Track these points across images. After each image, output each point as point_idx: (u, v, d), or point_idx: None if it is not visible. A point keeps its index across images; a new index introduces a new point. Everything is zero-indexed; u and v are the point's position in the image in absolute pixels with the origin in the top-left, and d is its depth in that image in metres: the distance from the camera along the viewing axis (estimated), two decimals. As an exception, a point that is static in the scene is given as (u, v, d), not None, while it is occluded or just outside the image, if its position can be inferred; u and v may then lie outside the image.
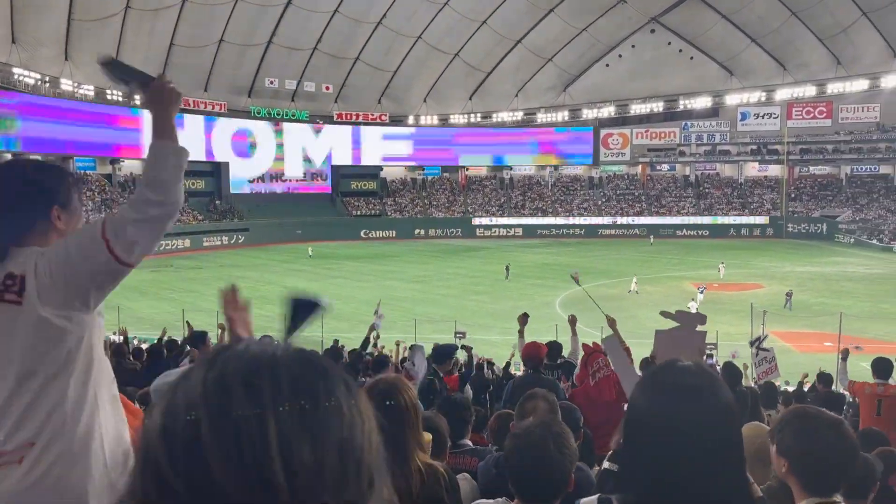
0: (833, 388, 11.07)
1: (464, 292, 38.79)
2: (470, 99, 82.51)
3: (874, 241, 60.28)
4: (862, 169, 74.83)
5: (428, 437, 2.66)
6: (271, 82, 73.43)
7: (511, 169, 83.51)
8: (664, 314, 2.11)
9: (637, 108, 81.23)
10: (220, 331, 12.20)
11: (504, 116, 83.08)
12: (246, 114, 72.51)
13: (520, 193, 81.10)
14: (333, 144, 78.30)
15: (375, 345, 16.79)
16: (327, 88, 76.79)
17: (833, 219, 68.17)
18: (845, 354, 9.88)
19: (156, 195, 1.94)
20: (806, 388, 12.95)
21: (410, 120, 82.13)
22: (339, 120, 78.36)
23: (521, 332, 9.41)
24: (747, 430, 3.19)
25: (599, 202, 78.58)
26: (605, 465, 3.21)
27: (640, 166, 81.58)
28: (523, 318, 9.38)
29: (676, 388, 1.41)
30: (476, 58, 76.48)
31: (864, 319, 27.56)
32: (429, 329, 24.89)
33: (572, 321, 9.41)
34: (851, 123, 74.59)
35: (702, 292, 29.28)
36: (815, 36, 71.69)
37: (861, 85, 72.22)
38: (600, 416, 5.74)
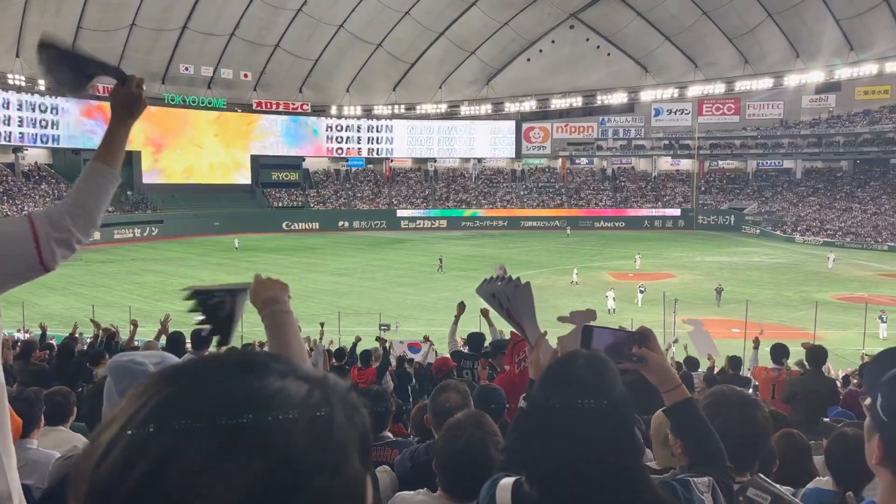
0: (742, 372, 11.65)
1: (388, 284, 38.72)
2: (394, 90, 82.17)
3: (777, 232, 63.71)
4: (767, 163, 78.89)
5: None
6: (186, 69, 70.96)
7: (435, 161, 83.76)
8: (561, 319, 2.19)
9: (557, 103, 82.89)
10: (132, 327, 11.76)
11: (428, 108, 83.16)
12: (159, 101, 69.81)
13: (444, 186, 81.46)
14: (257, 132, 76.43)
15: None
16: (246, 76, 74.86)
17: (740, 211, 71.65)
18: (756, 343, 10.51)
19: (76, 226, 1.80)
20: (715, 372, 13.57)
21: (333, 110, 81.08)
22: (258, 108, 76.51)
23: (456, 319, 9.82)
24: (658, 416, 3.31)
25: (522, 194, 79.87)
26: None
27: (560, 160, 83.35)
28: (460, 307, 9.65)
29: (564, 377, 1.51)
30: (399, 49, 76.18)
31: (768, 306, 29.11)
32: (353, 322, 24.75)
33: (484, 313, 9.83)
34: (757, 120, 78.46)
35: (642, 292, 29.76)
36: (725, 35, 74.97)
37: (766, 83, 75.99)
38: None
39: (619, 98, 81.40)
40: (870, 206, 63.95)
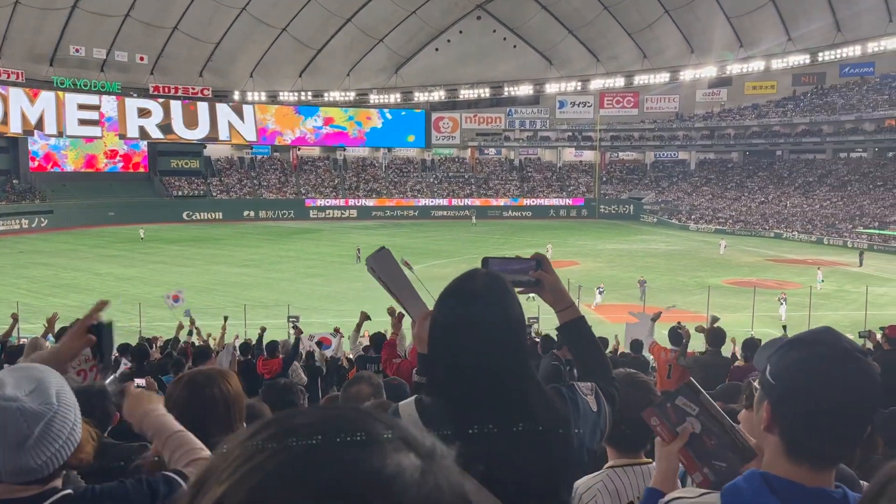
0: (643, 353, 12.15)
1: (297, 275, 38.01)
2: (300, 76, 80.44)
3: (673, 221, 66.83)
4: (663, 155, 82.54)
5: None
6: (77, 50, 66.85)
7: (345, 150, 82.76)
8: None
9: (466, 94, 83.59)
10: (13, 321, 11.01)
11: (336, 96, 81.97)
12: (47, 84, 65.56)
13: (353, 175, 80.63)
14: (150, 118, 72.98)
15: (191, 333, 16.03)
16: (141, 59, 71.38)
17: (639, 200, 74.70)
18: (655, 317, 11.08)
19: None
20: (618, 354, 14.11)
21: (236, 95, 78.58)
22: (155, 93, 73.12)
23: (358, 326, 10.08)
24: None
25: (432, 184, 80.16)
26: (415, 377, 3.27)
27: (469, 150, 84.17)
28: (363, 316, 9.86)
29: (462, 293, 1.68)
30: (305, 34, 74.57)
31: (664, 291, 30.52)
32: (261, 314, 24.12)
33: (391, 311, 9.91)
34: (655, 113, 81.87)
35: (601, 292, 30.01)
36: (625, 30, 77.67)
37: (663, 77, 79.35)
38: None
39: (525, 90, 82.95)
40: (758, 195, 68.04)
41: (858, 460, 2.73)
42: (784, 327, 18.03)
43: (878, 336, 9.22)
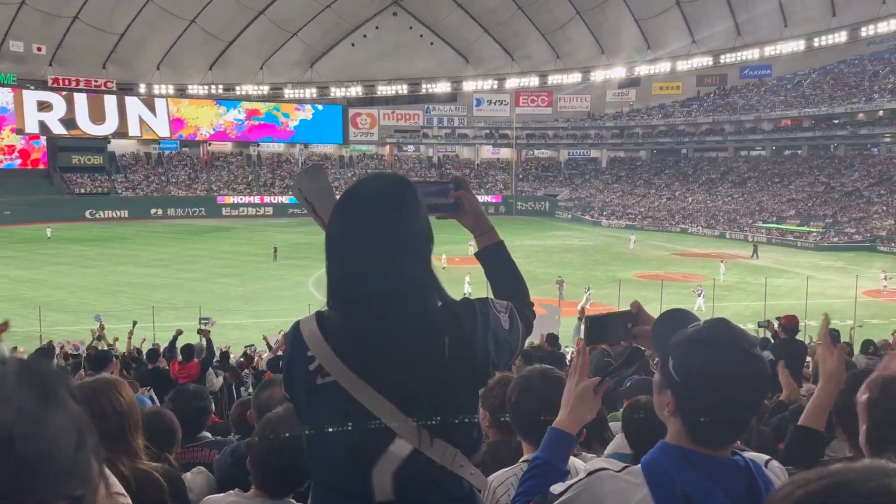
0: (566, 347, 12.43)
1: (209, 275, 36.82)
2: (210, 69, 77.95)
3: (587, 217, 68.74)
4: (576, 153, 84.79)
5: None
6: (-36, 37, 62.52)
7: (258, 146, 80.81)
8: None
9: (383, 90, 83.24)
10: None
11: (249, 90, 79.94)
12: (-70, 73, 61.06)
13: (269, 171, 78.85)
14: (52, 112, 68.94)
15: (99, 338, 15.33)
16: (39, 49, 67.41)
17: (554, 197, 76.47)
18: (581, 314, 11.31)
19: None
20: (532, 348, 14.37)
21: (142, 88, 75.37)
22: (55, 85, 69.15)
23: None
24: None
25: (350, 180, 79.33)
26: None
27: (387, 147, 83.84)
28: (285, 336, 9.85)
29: (355, 198, 1.62)
30: (216, 26, 72.27)
31: (579, 286, 31.32)
32: (171, 316, 23.25)
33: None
34: (568, 112, 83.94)
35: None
36: (538, 30, 79.25)
37: (575, 77, 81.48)
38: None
39: (442, 87, 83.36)
40: (665, 192, 70.86)
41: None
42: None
43: (776, 325, 9.76)
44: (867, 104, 60.50)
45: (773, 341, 9.17)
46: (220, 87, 78.61)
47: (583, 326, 1.97)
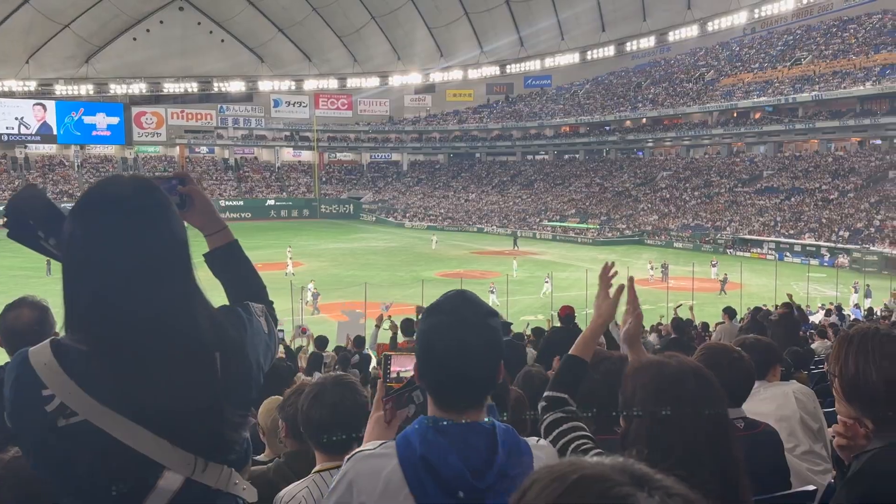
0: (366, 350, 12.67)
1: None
2: (-38, 61, 68.52)
3: (391, 219, 69.96)
4: (378, 156, 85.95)
5: None
6: None
7: (25, 147, 72.32)
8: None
9: (171, 88, 78.43)
10: None
11: (12, 85, 71.33)
12: None
13: (39, 176, 70.85)
14: None
15: None
16: None
17: (358, 200, 76.88)
18: (379, 321, 11.61)
19: None
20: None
21: None
22: None
23: None
24: (268, 403, 3.31)
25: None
26: None
27: (178, 147, 78.98)
28: None
29: (103, 203, 1.44)
30: (-33, 12, 63.70)
31: (385, 287, 31.86)
32: None
33: None
34: (368, 115, 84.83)
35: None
36: (335, 33, 79.22)
37: (374, 82, 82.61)
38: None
39: (237, 86, 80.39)
40: (462, 193, 74.14)
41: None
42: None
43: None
44: (633, 112, 67.97)
45: (658, 346, 9.82)
46: (-25, 80, 69.44)
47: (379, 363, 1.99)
